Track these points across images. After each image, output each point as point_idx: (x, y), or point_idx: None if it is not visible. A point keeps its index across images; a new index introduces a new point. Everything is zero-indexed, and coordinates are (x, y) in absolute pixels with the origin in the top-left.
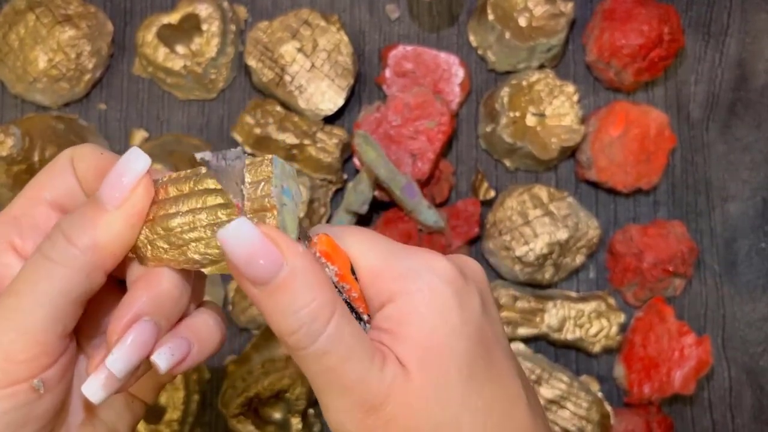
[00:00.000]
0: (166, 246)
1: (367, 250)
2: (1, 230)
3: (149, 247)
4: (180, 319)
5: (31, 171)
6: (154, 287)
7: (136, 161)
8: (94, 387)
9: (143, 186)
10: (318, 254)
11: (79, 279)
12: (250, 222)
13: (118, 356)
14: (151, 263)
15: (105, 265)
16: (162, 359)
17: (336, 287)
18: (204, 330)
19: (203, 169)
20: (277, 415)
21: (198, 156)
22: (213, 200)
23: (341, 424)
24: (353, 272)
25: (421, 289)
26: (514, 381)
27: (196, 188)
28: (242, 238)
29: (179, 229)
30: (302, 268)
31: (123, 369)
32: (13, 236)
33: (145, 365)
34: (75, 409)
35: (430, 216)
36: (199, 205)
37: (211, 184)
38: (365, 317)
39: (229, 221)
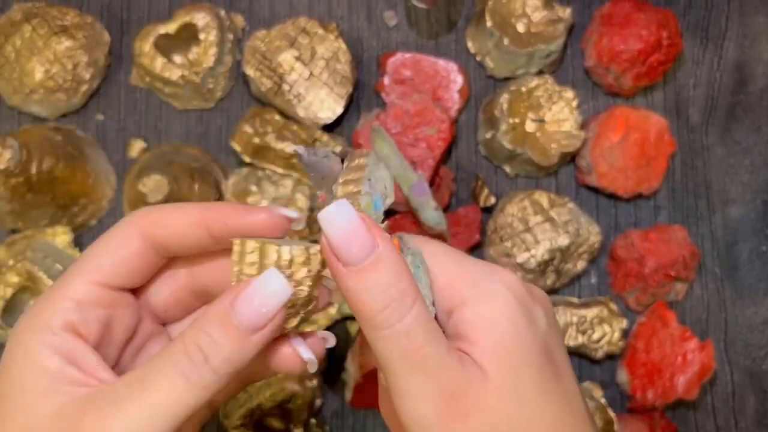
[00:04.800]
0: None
1: (441, 256)
2: (59, 310)
3: None
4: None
5: (28, 183)
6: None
7: (278, 290)
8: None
9: (282, 313)
10: None
11: (206, 396)
12: (349, 204)
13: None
14: None
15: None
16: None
17: None
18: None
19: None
20: (279, 426)
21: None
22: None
23: (419, 411)
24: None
25: (494, 297)
26: (582, 404)
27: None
28: (341, 218)
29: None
30: (391, 253)
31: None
32: (73, 319)
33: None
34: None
35: (432, 216)
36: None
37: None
38: (433, 309)
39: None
